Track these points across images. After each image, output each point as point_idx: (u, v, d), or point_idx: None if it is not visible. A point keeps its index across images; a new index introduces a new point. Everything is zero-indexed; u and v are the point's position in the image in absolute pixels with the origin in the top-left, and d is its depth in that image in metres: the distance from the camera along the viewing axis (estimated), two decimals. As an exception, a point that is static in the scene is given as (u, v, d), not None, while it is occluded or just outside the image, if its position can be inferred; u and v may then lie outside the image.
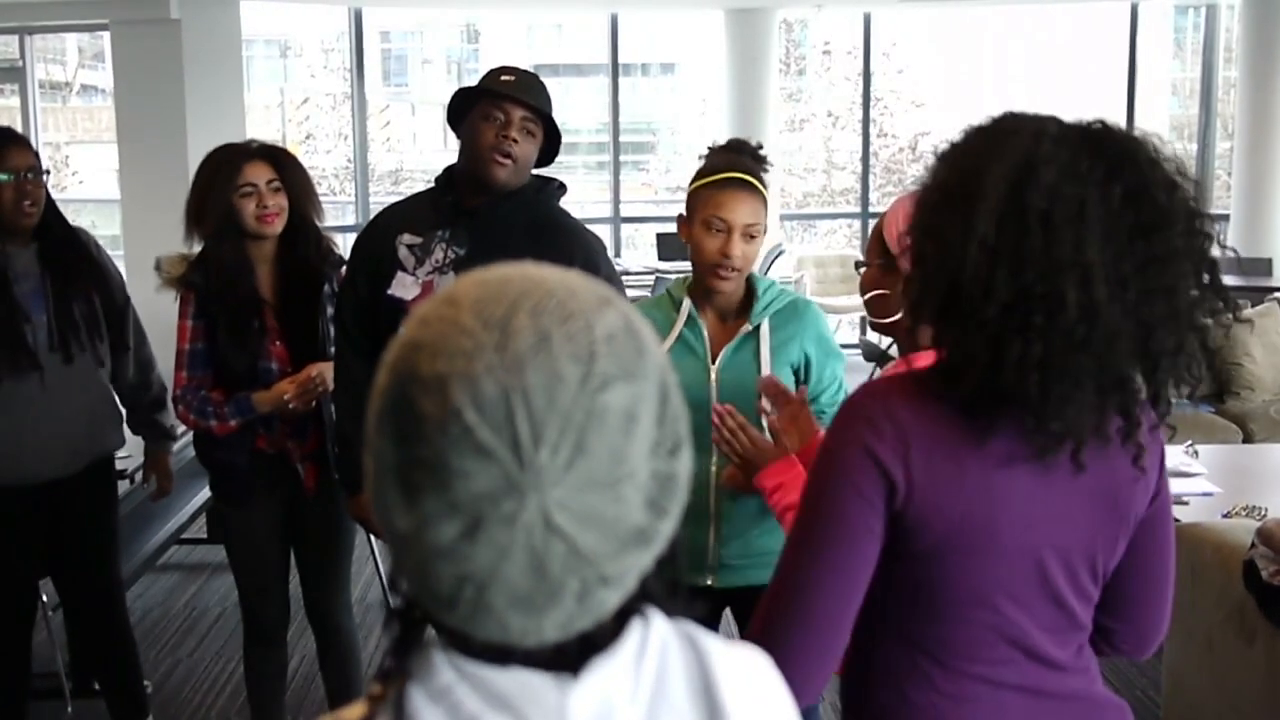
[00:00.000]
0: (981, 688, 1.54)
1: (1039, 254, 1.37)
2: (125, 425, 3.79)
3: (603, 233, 10.41)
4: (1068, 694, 1.58)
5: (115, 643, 3.77)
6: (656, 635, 0.96)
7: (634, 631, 0.95)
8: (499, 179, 2.81)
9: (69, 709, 4.16)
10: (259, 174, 3.24)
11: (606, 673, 0.92)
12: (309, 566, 3.53)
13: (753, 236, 2.62)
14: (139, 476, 4.23)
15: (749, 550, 2.71)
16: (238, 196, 3.21)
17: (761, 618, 1.51)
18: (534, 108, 2.80)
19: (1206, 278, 1.45)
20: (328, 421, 3.39)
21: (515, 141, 2.79)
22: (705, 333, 2.72)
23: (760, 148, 2.75)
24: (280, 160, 3.32)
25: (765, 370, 2.65)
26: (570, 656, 0.91)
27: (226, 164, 3.24)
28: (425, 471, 0.85)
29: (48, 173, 3.49)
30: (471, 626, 0.88)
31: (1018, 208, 1.38)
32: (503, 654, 0.90)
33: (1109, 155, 1.41)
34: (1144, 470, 1.55)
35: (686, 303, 2.74)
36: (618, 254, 10.64)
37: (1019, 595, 1.53)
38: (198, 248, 3.34)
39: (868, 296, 2.22)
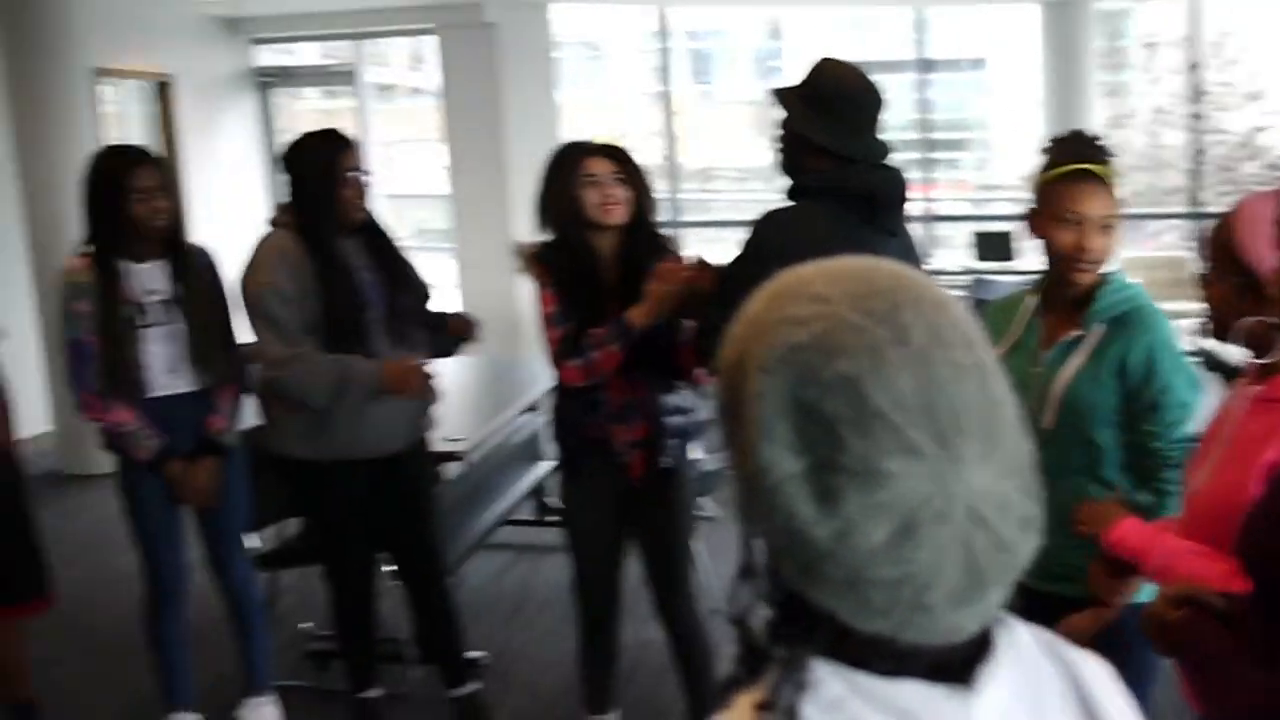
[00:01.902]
0: None
1: None
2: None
3: (912, 231, 10.23)
4: None
5: (438, 612, 3.93)
6: (1021, 638, 0.94)
7: (1001, 635, 0.92)
8: None
9: (411, 674, 4.35)
10: (601, 166, 3.33)
11: (996, 681, 0.89)
12: (650, 564, 3.57)
13: (1108, 228, 2.58)
14: (472, 457, 4.42)
15: (1052, 560, 2.60)
16: (581, 186, 3.31)
17: None
18: None
19: None
20: (659, 408, 3.42)
21: None
22: (1039, 334, 2.67)
23: (1097, 139, 2.66)
24: (621, 156, 3.40)
25: (1087, 379, 2.56)
26: (954, 664, 0.89)
27: (571, 157, 3.36)
28: (845, 476, 0.83)
29: (369, 172, 3.71)
30: (900, 630, 0.86)
31: None
32: (895, 664, 0.87)
33: None
34: None
35: (1028, 303, 2.71)
36: (928, 253, 10.40)
37: None
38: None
39: (1249, 324, 2.07)
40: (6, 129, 7.14)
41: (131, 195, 3.52)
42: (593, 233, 3.37)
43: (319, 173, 3.52)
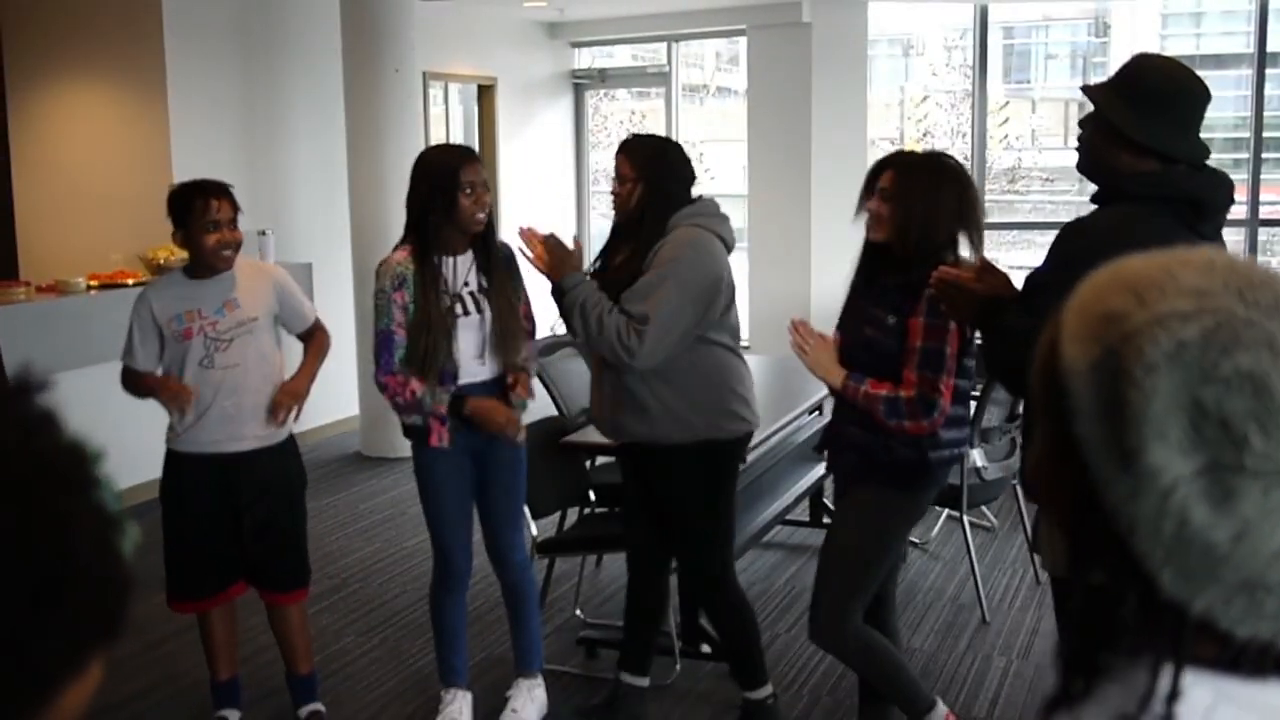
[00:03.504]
0: None
1: None
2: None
3: (1237, 235, 9.60)
4: None
5: (723, 608, 3.96)
6: None
7: None
8: None
9: (677, 667, 4.45)
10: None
11: None
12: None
13: None
14: (751, 456, 4.47)
15: None
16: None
17: None
18: None
19: None
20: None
21: None
22: None
23: None
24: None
25: None
26: None
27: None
28: (1245, 476, 0.81)
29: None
30: None
31: None
32: (1259, 666, 0.85)
33: None
34: None
35: None
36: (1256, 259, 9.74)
37: None
38: None
39: None
40: (342, 130, 7.64)
41: (459, 191, 3.68)
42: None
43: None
